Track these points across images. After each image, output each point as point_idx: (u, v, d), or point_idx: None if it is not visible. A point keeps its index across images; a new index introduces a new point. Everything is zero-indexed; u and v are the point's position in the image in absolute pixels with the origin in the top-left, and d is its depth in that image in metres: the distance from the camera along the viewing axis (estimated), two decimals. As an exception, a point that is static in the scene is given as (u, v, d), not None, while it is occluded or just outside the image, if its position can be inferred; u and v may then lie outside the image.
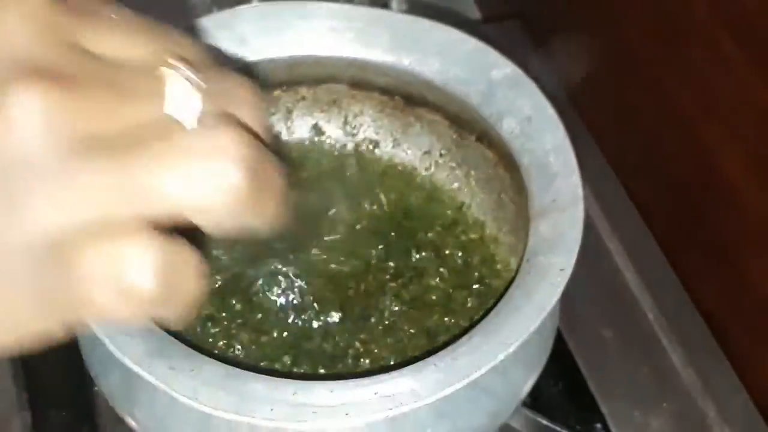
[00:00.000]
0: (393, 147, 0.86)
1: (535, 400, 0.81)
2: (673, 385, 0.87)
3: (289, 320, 0.75)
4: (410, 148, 0.85)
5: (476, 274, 0.79)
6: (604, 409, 0.85)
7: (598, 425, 0.84)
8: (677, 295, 0.92)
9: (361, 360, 0.73)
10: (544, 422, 0.80)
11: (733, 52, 0.83)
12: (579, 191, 0.68)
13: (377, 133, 0.85)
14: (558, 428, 0.80)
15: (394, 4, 1.16)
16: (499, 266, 0.79)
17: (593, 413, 0.85)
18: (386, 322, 0.75)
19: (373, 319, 0.75)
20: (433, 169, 0.85)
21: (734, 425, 0.85)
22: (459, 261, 0.79)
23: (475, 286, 0.78)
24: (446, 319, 0.75)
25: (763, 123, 0.81)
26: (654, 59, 0.94)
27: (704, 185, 0.90)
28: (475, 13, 1.22)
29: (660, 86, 0.93)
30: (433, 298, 0.77)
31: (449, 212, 0.83)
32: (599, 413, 0.85)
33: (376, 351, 0.74)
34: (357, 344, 0.74)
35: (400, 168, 0.86)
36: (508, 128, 0.74)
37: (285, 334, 0.74)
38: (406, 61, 0.78)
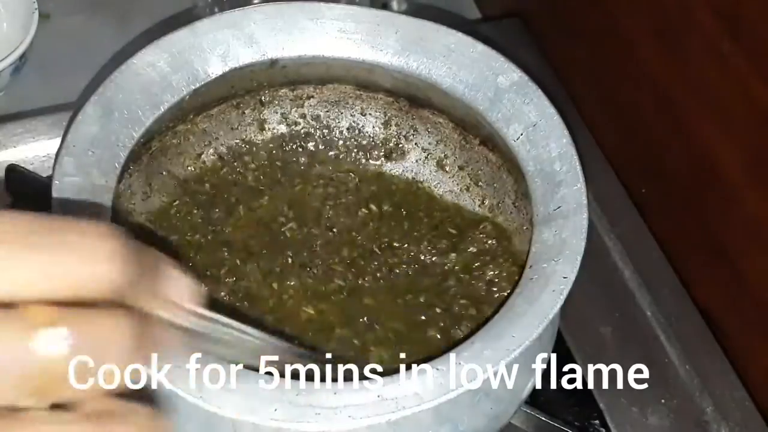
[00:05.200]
0: (397, 148, 0.86)
1: (534, 397, 0.81)
2: (671, 382, 0.88)
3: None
4: (414, 149, 0.86)
5: (477, 277, 0.79)
6: (602, 405, 0.86)
7: (596, 421, 0.85)
8: (675, 293, 0.93)
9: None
10: (543, 419, 0.80)
11: (731, 51, 0.83)
12: (583, 200, 0.69)
13: (382, 134, 0.86)
14: (556, 425, 0.81)
15: (394, 4, 1.16)
16: (500, 271, 0.80)
17: (591, 410, 0.85)
18: (380, 324, 0.76)
19: (366, 321, 0.76)
20: (435, 170, 0.85)
21: (732, 421, 0.85)
22: (460, 264, 0.80)
23: (476, 290, 0.78)
24: (447, 321, 0.76)
25: (761, 122, 0.81)
26: (653, 58, 0.94)
27: (703, 184, 0.90)
28: (474, 13, 1.22)
29: (659, 85, 0.94)
30: (433, 299, 0.77)
31: (451, 214, 0.84)
32: (597, 409, 0.85)
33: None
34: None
35: (403, 169, 0.86)
36: (513, 134, 0.74)
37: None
38: (413, 64, 0.78)
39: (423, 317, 0.75)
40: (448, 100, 0.78)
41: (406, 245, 0.80)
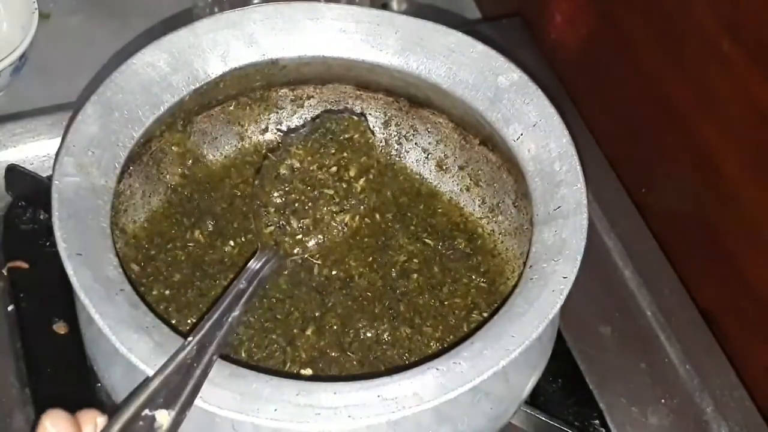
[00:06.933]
0: (397, 148, 0.86)
1: (534, 397, 0.81)
2: (671, 382, 0.88)
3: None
4: (414, 149, 0.86)
5: (477, 277, 0.79)
6: (602, 405, 0.86)
7: (596, 421, 0.85)
8: (675, 292, 0.93)
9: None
10: (543, 418, 0.80)
11: (731, 51, 0.83)
12: (583, 200, 0.69)
13: (381, 134, 0.86)
14: (556, 424, 0.81)
15: (394, 4, 1.17)
16: (500, 271, 0.80)
17: (591, 409, 0.85)
18: (376, 327, 0.76)
19: (363, 324, 0.76)
20: (435, 170, 0.85)
21: (731, 421, 0.85)
22: (459, 263, 0.80)
23: (475, 290, 0.78)
24: (443, 323, 0.76)
25: (761, 122, 0.81)
26: (653, 58, 0.94)
27: (702, 183, 0.91)
28: (474, 13, 1.23)
29: (659, 85, 0.94)
30: (430, 300, 0.77)
31: (451, 214, 0.84)
32: (597, 409, 0.85)
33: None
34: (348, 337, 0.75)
35: (403, 168, 0.86)
36: (513, 134, 0.74)
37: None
38: (413, 64, 0.78)
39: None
40: (448, 100, 0.79)
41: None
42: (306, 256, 0.77)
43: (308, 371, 0.71)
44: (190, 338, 0.61)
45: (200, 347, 0.61)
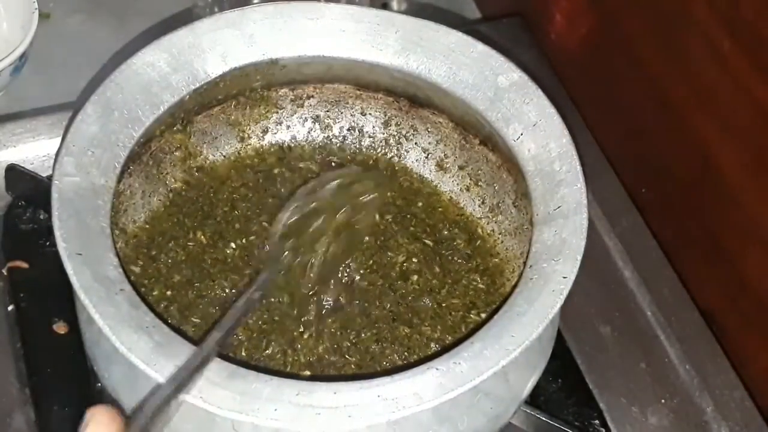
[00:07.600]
0: (397, 147, 0.86)
1: (534, 397, 0.81)
2: (671, 381, 0.88)
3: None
4: (414, 149, 0.86)
5: (477, 277, 0.79)
6: (602, 405, 0.86)
7: (596, 421, 0.84)
8: (675, 292, 0.93)
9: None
10: (543, 418, 0.80)
11: (730, 50, 0.83)
12: (583, 200, 0.69)
13: (381, 133, 0.86)
14: (556, 424, 0.80)
15: (394, 4, 1.17)
16: (500, 271, 0.80)
17: (591, 409, 0.85)
18: (377, 328, 0.76)
19: (362, 324, 0.76)
20: (435, 170, 0.85)
21: (731, 421, 0.85)
22: (458, 263, 0.80)
23: (474, 291, 0.78)
24: (442, 323, 0.76)
25: (761, 122, 0.81)
26: (653, 57, 0.94)
27: (702, 182, 0.91)
28: (474, 13, 1.23)
29: (659, 85, 0.94)
30: (430, 301, 0.77)
31: (451, 214, 0.84)
32: (597, 409, 0.85)
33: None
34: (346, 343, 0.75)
35: (403, 168, 0.86)
36: (513, 134, 0.74)
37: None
38: (413, 64, 0.78)
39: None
40: (448, 100, 0.79)
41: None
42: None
43: (307, 372, 0.72)
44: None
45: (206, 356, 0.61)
